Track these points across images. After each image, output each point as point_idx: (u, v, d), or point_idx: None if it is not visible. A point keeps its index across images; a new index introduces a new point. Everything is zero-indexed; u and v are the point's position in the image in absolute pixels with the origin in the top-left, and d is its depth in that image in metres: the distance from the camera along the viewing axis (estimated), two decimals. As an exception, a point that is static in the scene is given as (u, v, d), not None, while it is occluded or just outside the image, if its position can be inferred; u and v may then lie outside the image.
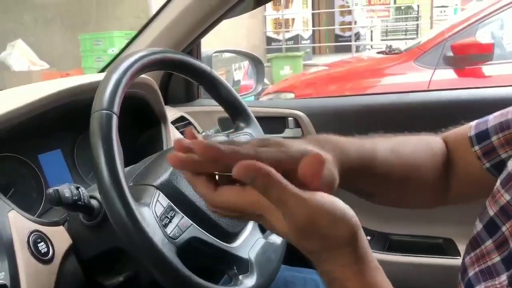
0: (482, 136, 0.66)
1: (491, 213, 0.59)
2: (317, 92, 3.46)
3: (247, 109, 0.92)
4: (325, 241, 0.41)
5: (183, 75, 0.84)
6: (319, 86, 3.57)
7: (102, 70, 1.23)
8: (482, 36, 3.06)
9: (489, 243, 0.57)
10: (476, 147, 0.65)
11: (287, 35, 9.22)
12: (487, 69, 3.01)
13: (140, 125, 1.05)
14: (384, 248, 1.15)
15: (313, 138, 0.54)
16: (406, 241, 1.15)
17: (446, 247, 1.10)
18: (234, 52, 1.76)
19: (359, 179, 0.58)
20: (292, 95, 3.53)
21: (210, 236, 0.70)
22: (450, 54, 2.94)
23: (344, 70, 3.89)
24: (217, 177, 0.43)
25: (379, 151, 0.60)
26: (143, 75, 0.99)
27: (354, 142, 0.58)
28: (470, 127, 0.68)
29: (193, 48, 1.22)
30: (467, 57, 2.90)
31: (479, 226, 0.60)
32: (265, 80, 6.22)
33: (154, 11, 5.83)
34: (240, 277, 0.71)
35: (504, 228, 0.56)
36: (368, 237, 1.15)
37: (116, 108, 0.63)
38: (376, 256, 0.45)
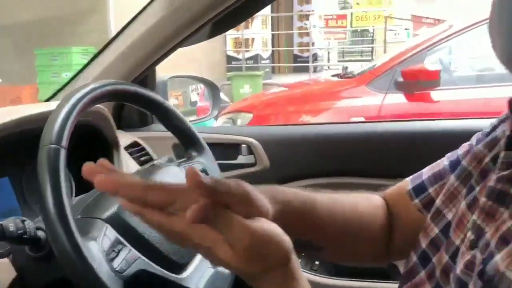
0: (419, 188, 0.68)
1: (423, 245, 0.63)
2: (276, 113, 3.52)
3: (200, 138, 0.94)
4: (265, 262, 0.46)
5: (136, 106, 0.86)
6: (278, 107, 3.63)
7: (53, 96, 1.22)
8: (430, 63, 3.22)
9: (422, 274, 0.61)
10: (416, 200, 0.68)
11: (247, 55, 9.35)
12: (435, 95, 3.16)
13: (93, 151, 1.05)
14: (332, 273, 1.18)
15: (258, 188, 0.57)
16: (352, 266, 1.19)
17: (390, 272, 1.15)
18: (189, 77, 1.79)
19: (303, 228, 0.60)
20: (250, 115, 3.57)
21: (159, 268, 0.70)
22: (400, 79, 3.08)
23: (302, 92, 3.98)
24: None
25: (319, 198, 0.63)
26: (95, 103, 1.00)
27: (295, 191, 0.62)
28: (407, 182, 0.70)
29: (147, 75, 1.23)
30: (416, 82, 3.04)
31: (414, 257, 0.64)
32: (225, 98, 6.28)
33: (113, 26, 5.79)
34: None
35: (434, 259, 0.61)
36: (317, 262, 1.19)
37: (65, 142, 0.64)
38: (324, 281, 0.49)
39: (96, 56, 1.19)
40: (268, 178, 1.23)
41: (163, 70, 1.38)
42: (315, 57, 10.43)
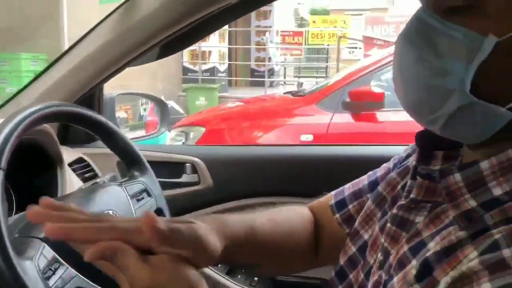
0: (340, 204, 0.74)
1: (341, 262, 0.69)
2: (231, 128, 3.56)
3: (142, 159, 0.97)
4: None
5: (79, 127, 0.88)
6: (233, 122, 3.67)
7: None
8: (375, 86, 3.37)
9: None
10: (337, 215, 0.74)
11: (204, 67, 9.38)
12: (380, 115, 3.30)
13: (35, 167, 1.05)
14: None
15: (200, 217, 0.59)
16: (290, 282, 1.25)
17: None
18: (138, 94, 1.81)
19: (243, 249, 0.63)
20: (203, 130, 3.59)
21: (95, 285, 0.72)
22: (348, 99, 3.20)
23: (257, 108, 4.04)
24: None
25: (257, 220, 0.67)
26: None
27: (235, 217, 0.65)
28: (331, 197, 0.76)
29: (95, 92, 1.25)
30: (362, 103, 3.18)
31: (332, 273, 0.70)
32: (180, 110, 6.24)
33: (66, 34, 5.63)
34: None
35: (351, 276, 0.67)
36: (256, 278, 1.23)
37: (3, 163, 0.65)
38: None
39: (43, 71, 1.19)
40: (210, 196, 1.27)
41: (118, 79, 1.38)
42: (271, 72, 10.59)
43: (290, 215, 0.75)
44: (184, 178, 1.28)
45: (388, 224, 0.59)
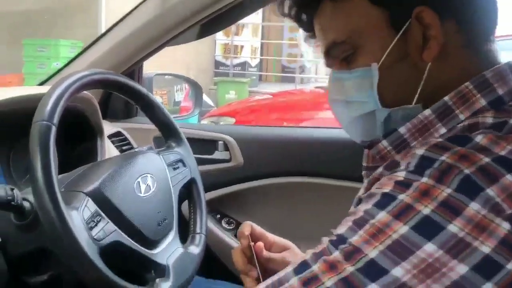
0: None
1: None
2: (259, 120, 3.59)
3: (179, 130, 1.00)
4: None
5: (121, 95, 0.92)
6: (262, 114, 3.69)
7: (42, 83, 1.28)
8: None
9: None
10: None
11: (235, 61, 9.42)
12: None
13: (77, 137, 1.11)
14: None
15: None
16: None
17: None
18: (175, 76, 1.86)
19: None
20: (233, 120, 3.64)
21: (132, 241, 0.76)
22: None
23: (287, 100, 4.05)
24: None
25: None
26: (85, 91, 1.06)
27: None
28: None
29: (134, 70, 1.30)
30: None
31: None
32: (211, 103, 6.32)
33: (103, 23, 5.78)
34: (157, 280, 0.78)
35: None
36: None
37: (56, 120, 0.70)
38: None
39: (86, 49, 1.26)
40: (241, 174, 1.31)
41: (153, 70, 1.45)
42: (302, 69, 10.55)
43: None
44: (216, 155, 1.31)
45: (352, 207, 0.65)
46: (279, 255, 0.80)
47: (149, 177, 0.86)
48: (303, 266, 0.52)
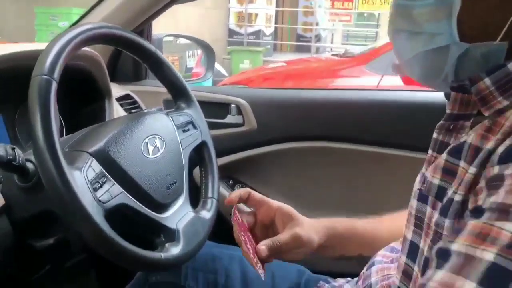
0: None
1: None
2: (274, 87, 3.53)
3: (189, 90, 0.95)
4: None
5: (128, 53, 0.87)
6: (276, 82, 3.63)
7: (50, 42, 1.23)
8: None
9: None
10: None
11: (250, 30, 9.27)
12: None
13: (85, 98, 1.07)
14: None
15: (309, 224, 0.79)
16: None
17: None
18: (186, 37, 1.79)
19: (347, 247, 0.82)
20: (246, 89, 3.57)
21: (140, 205, 0.73)
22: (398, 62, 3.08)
23: (302, 68, 3.97)
24: None
25: (360, 224, 0.83)
26: (91, 50, 1.01)
27: (337, 220, 0.83)
28: None
29: (143, 30, 1.24)
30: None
31: None
32: (224, 72, 6.26)
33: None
34: (167, 244, 0.75)
35: None
36: None
37: (57, 75, 0.65)
38: None
39: (94, 6, 1.20)
40: (254, 138, 1.26)
41: None
42: (318, 38, 10.35)
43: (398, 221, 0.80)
44: (229, 119, 1.27)
45: (429, 151, 0.59)
46: (289, 235, 0.76)
47: (157, 138, 0.81)
48: None
